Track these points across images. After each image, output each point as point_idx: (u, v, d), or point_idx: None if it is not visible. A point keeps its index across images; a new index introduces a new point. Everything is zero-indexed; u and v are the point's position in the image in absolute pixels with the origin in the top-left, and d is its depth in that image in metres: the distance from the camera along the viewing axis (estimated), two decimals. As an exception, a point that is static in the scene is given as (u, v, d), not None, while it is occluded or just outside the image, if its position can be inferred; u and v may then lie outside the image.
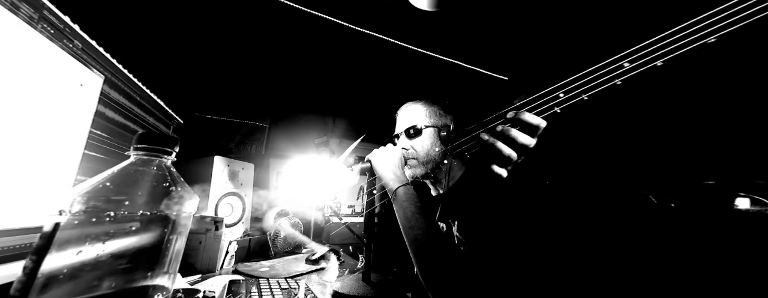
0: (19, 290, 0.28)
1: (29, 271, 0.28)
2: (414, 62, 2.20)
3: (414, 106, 0.91)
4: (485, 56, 2.20)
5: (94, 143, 0.68)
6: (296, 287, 0.76)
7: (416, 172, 0.86)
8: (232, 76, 2.16)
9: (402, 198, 0.70)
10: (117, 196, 0.32)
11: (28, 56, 0.49)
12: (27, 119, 0.50)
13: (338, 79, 2.43)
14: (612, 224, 0.56)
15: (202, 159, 1.31)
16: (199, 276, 0.89)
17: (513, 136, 0.62)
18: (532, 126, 0.61)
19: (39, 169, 0.54)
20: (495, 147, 0.62)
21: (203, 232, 1.00)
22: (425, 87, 2.57)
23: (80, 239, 0.30)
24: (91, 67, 0.65)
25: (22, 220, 0.51)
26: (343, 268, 1.09)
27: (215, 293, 0.72)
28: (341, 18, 1.79)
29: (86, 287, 0.29)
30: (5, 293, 0.29)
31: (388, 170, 0.77)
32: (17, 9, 0.48)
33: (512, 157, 0.62)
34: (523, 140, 0.61)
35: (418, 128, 0.86)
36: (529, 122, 0.61)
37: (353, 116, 2.87)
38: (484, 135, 0.65)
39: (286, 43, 2.01)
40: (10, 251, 0.49)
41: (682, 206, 1.58)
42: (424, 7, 1.66)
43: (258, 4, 1.64)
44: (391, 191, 0.73)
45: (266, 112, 2.35)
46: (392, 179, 0.75)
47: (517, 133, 0.61)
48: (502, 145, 0.62)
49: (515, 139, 0.61)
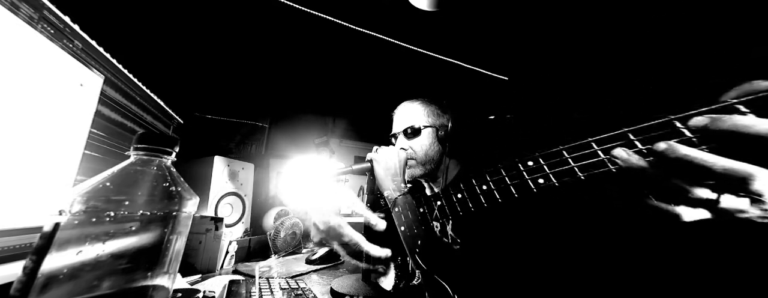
0: (19, 290, 0.28)
1: (29, 271, 0.28)
2: (414, 62, 2.20)
3: (412, 106, 0.91)
4: (485, 56, 2.20)
5: (94, 143, 0.68)
6: (297, 288, 0.76)
7: (415, 172, 0.86)
8: (232, 76, 2.16)
9: (402, 207, 0.71)
10: (117, 196, 0.32)
11: (28, 56, 0.49)
12: (27, 119, 0.50)
13: (338, 79, 2.43)
14: (610, 223, 0.55)
15: (202, 159, 1.31)
16: (199, 276, 0.89)
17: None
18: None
19: (39, 169, 0.54)
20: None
21: (203, 232, 1.00)
22: (425, 87, 2.58)
23: (80, 239, 0.30)
24: (91, 67, 0.65)
25: (22, 220, 0.51)
26: (343, 267, 1.09)
27: (215, 293, 0.72)
28: (341, 18, 1.79)
29: (86, 287, 0.29)
30: (5, 293, 0.29)
31: (389, 178, 0.77)
32: (17, 9, 0.48)
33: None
34: None
35: (416, 128, 0.86)
36: (747, 132, 0.27)
37: (353, 116, 2.87)
38: (619, 152, 0.34)
39: (286, 43, 2.01)
40: (10, 251, 0.49)
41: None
42: (424, 7, 1.65)
43: (258, 4, 1.64)
44: (390, 200, 0.74)
45: (266, 112, 2.35)
46: (392, 188, 0.75)
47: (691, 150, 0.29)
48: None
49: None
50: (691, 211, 0.30)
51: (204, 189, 1.22)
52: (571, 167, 0.39)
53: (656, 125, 0.33)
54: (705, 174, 0.27)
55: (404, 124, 0.88)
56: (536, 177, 0.42)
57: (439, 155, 0.85)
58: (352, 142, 3.04)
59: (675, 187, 0.29)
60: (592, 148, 0.38)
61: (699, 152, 0.28)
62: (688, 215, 0.30)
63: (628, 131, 0.35)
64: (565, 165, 0.40)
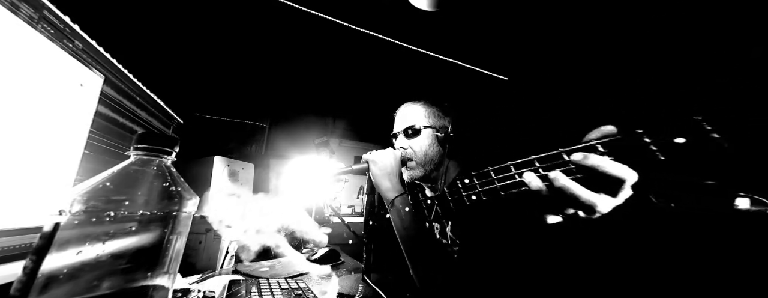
0: (19, 290, 0.28)
1: (29, 271, 0.28)
2: (414, 62, 2.20)
3: (413, 107, 0.91)
4: (485, 56, 2.20)
5: (94, 143, 0.68)
6: (297, 288, 0.76)
7: (415, 174, 0.86)
8: (232, 76, 2.16)
9: (399, 207, 0.72)
10: (117, 196, 0.32)
11: (28, 56, 0.49)
12: (27, 119, 0.50)
13: (338, 79, 2.43)
14: (609, 224, 0.56)
15: (202, 159, 1.31)
16: (199, 276, 0.89)
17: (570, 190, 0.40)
18: (611, 179, 0.38)
19: (39, 169, 0.54)
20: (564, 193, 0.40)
21: (203, 232, 1.00)
22: (425, 87, 2.58)
23: (80, 239, 0.30)
24: (91, 67, 0.65)
25: (22, 220, 0.51)
26: (343, 267, 1.09)
27: (215, 293, 0.72)
28: (341, 18, 1.79)
29: (86, 287, 0.29)
30: (5, 293, 0.29)
31: (385, 178, 0.77)
32: (17, 9, 0.48)
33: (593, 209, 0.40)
34: (586, 197, 0.39)
35: (416, 128, 0.86)
36: (607, 174, 0.38)
37: (353, 116, 2.87)
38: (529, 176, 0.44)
39: (286, 43, 2.01)
40: (10, 251, 0.49)
41: (682, 206, 1.58)
42: (424, 7, 1.66)
43: (258, 4, 1.64)
44: (387, 201, 0.74)
45: (266, 113, 2.35)
46: (389, 188, 0.76)
47: (569, 183, 0.40)
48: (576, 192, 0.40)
49: (572, 192, 0.40)
50: (554, 217, 0.45)
51: (204, 189, 1.22)
52: (494, 187, 0.48)
53: (552, 156, 0.43)
54: (572, 198, 0.40)
55: (405, 124, 0.89)
56: (470, 194, 0.51)
57: (438, 156, 0.85)
58: (352, 143, 3.05)
59: (556, 203, 0.42)
60: (511, 171, 0.47)
61: (570, 181, 0.40)
62: (551, 220, 0.46)
63: (535, 159, 0.45)
64: (491, 184, 0.49)
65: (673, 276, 0.93)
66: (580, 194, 0.39)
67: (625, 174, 0.37)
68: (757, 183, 1.50)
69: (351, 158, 2.84)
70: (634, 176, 0.38)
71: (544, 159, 0.44)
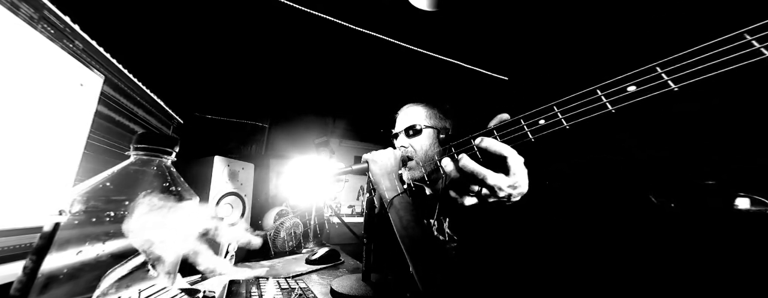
0: (19, 289, 0.28)
1: (29, 271, 0.28)
2: (414, 62, 2.20)
3: (415, 108, 0.92)
4: (485, 56, 2.20)
5: (94, 143, 0.68)
6: (297, 288, 0.76)
7: (415, 174, 0.86)
8: (232, 76, 2.16)
9: (398, 207, 0.72)
10: (117, 196, 0.32)
11: (28, 56, 0.49)
12: (27, 119, 0.50)
13: (338, 79, 2.43)
14: (610, 224, 0.56)
15: (202, 159, 1.31)
16: (199, 276, 0.89)
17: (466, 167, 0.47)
18: (497, 157, 0.47)
19: (39, 169, 0.54)
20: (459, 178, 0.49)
21: (203, 232, 0.99)
22: (425, 87, 2.58)
23: (80, 239, 0.30)
24: (91, 67, 0.65)
25: (22, 220, 0.51)
26: (343, 267, 1.09)
27: (215, 293, 0.72)
28: (341, 18, 1.80)
29: (86, 287, 0.29)
30: (5, 293, 0.29)
31: (385, 178, 0.78)
32: (17, 9, 0.48)
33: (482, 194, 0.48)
34: (472, 168, 0.46)
35: (417, 128, 0.86)
36: (495, 152, 0.46)
37: (353, 116, 2.87)
38: (445, 161, 0.50)
39: (286, 43, 2.01)
40: (10, 251, 0.49)
41: (682, 206, 1.58)
42: (424, 7, 1.66)
43: (258, 5, 1.64)
44: (387, 201, 0.74)
45: (266, 113, 2.35)
46: (388, 188, 0.76)
47: (468, 162, 0.47)
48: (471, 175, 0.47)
49: (464, 168, 0.47)
50: (469, 198, 0.49)
51: (204, 189, 1.22)
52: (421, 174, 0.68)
53: (463, 142, 0.52)
54: (472, 176, 0.46)
55: (406, 123, 0.89)
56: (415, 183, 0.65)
57: (439, 156, 0.85)
58: (352, 143, 3.05)
59: (465, 183, 0.48)
60: (434, 159, 0.55)
61: (470, 161, 0.46)
62: (467, 201, 0.50)
63: (451, 145, 0.53)
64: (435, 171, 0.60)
65: (672, 276, 0.93)
66: (475, 169, 0.45)
67: (505, 150, 0.45)
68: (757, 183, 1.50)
69: (351, 158, 2.84)
70: (513, 152, 0.46)
71: (458, 145, 0.52)
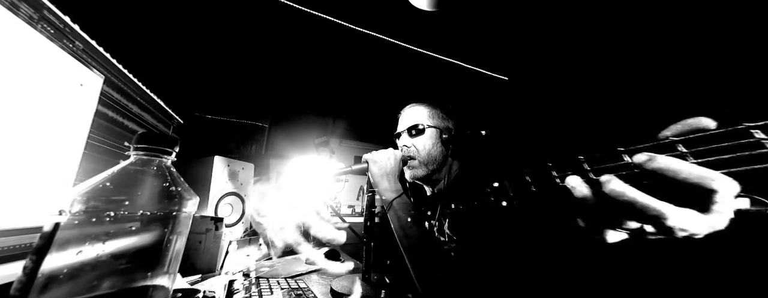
0: (19, 290, 0.28)
1: (29, 271, 0.28)
2: (414, 62, 2.20)
3: (418, 108, 0.92)
4: (485, 56, 2.20)
5: (94, 143, 0.68)
6: (297, 288, 0.76)
7: (417, 173, 0.86)
8: (232, 76, 2.16)
9: (396, 208, 0.72)
10: (117, 196, 0.32)
11: (28, 56, 0.49)
12: (27, 119, 0.50)
13: (338, 79, 2.43)
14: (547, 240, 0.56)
15: (202, 159, 1.31)
16: (199, 276, 0.89)
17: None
18: (692, 188, 0.26)
19: (39, 169, 0.54)
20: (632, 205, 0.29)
21: (203, 232, 1.00)
22: (425, 87, 2.58)
23: (80, 239, 0.30)
24: (91, 67, 0.65)
25: (22, 220, 0.51)
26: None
27: (215, 293, 0.72)
28: (341, 18, 1.79)
29: (86, 287, 0.29)
30: (5, 293, 0.29)
31: (384, 178, 0.78)
32: (17, 9, 0.48)
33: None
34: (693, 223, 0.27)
35: (420, 128, 0.86)
36: (679, 177, 0.26)
37: (353, 116, 2.87)
38: (574, 181, 0.34)
39: (286, 43, 2.01)
40: (10, 251, 0.49)
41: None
42: (424, 7, 1.66)
43: (258, 4, 1.64)
44: (386, 202, 0.74)
45: (266, 113, 2.35)
46: (387, 189, 0.76)
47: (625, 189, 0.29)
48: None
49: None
50: (615, 234, 0.33)
51: (204, 189, 1.22)
52: (530, 192, 0.39)
53: (606, 156, 0.33)
54: (630, 206, 0.28)
55: (409, 123, 0.90)
56: (500, 199, 0.44)
57: (442, 156, 0.85)
58: (352, 143, 3.05)
59: (609, 215, 0.31)
60: (551, 174, 0.37)
61: (629, 188, 0.29)
62: (612, 238, 0.33)
63: (583, 160, 0.35)
64: (527, 189, 0.40)
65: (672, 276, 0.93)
66: (645, 202, 0.27)
67: (708, 180, 0.25)
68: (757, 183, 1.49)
69: (351, 158, 2.84)
70: (728, 184, 0.25)
71: (595, 160, 0.34)
